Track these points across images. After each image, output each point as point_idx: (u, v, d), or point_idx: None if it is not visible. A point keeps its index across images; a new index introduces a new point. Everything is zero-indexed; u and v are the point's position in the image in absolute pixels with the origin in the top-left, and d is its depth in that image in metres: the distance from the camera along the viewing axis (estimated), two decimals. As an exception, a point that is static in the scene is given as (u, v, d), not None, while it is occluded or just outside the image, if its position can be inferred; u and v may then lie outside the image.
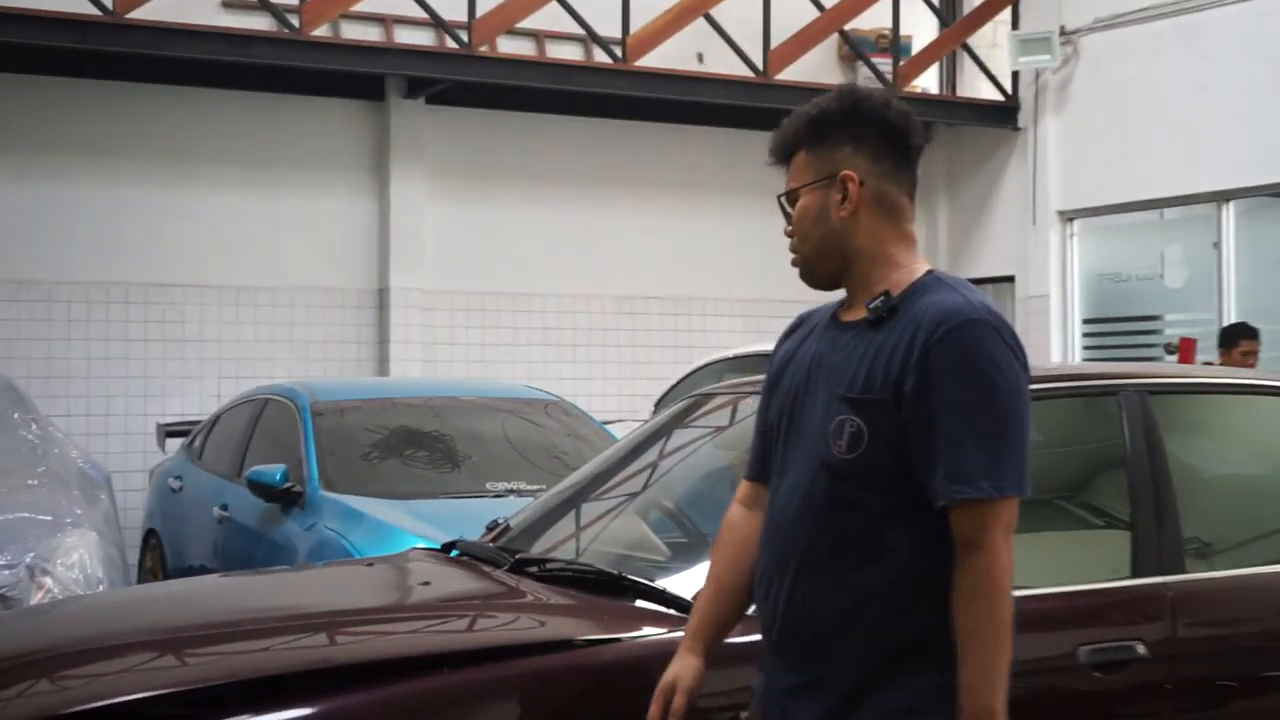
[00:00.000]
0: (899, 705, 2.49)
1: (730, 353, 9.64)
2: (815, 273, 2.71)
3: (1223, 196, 10.93)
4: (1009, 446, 2.45)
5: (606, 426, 7.82)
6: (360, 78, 10.75)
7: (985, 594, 2.43)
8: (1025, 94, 12.36)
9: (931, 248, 12.85)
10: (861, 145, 2.67)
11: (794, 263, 2.74)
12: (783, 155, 2.75)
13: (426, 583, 3.93)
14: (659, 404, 8.96)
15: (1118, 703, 2.68)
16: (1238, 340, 8.83)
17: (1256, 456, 4.31)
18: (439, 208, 11.29)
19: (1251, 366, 8.30)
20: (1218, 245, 10.99)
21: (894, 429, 2.49)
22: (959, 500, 2.44)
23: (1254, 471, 4.30)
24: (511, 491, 6.51)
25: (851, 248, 2.66)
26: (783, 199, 2.75)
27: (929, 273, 2.64)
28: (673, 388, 9.28)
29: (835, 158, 2.66)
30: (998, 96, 12.57)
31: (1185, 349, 9.26)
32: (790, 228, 2.73)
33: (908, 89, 12.43)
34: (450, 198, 11.35)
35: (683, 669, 2.80)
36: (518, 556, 3.84)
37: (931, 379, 2.46)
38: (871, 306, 2.58)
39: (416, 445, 7.08)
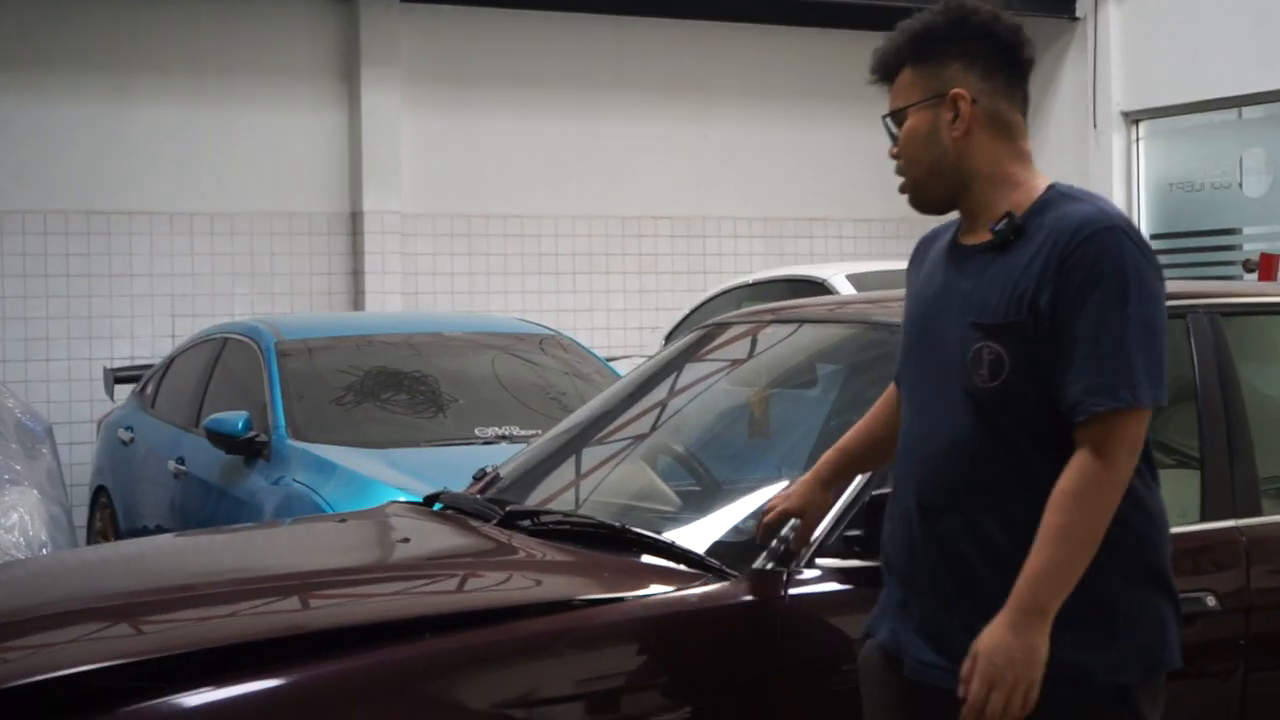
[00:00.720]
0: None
1: (750, 278, 9.66)
2: (928, 197, 2.88)
3: (1308, 93, 10.89)
4: (1148, 355, 2.63)
5: (610, 363, 7.84)
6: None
7: (1091, 501, 2.61)
8: (1085, -21, 12.30)
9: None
10: (972, 62, 2.82)
11: (902, 187, 2.91)
12: (885, 73, 2.90)
13: (406, 539, 3.97)
14: (670, 337, 8.99)
15: (1184, 660, 2.75)
16: None
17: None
18: (417, 120, 11.26)
19: None
20: (1303, 148, 10.94)
21: (1035, 352, 2.66)
22: (1096, 413, 2.61)
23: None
24: (503, 438, 6.54)
25: (967, 169, 2.82)
26: (888, 119, 2.90)
27: (1051, 187, 2.80)
28: (686, 318, 9.31)
29: (944, 75, 2.82)
30: (1054, -17, 12.51)
31: (1266, 265, 9.20)
32: (895, 150, 2.89)
33: (949, -25, 12.35)
34: (430, 109, 11.31)
35: (800, 500, 3.19)
36: (509, 509, 3.87)
37: (1068, 291, 2.63)
38: (996, 230, 2.74)
39: (395, 388, 7.10)
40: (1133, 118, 12.00)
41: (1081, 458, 2.62)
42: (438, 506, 4.22)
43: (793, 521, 3.25)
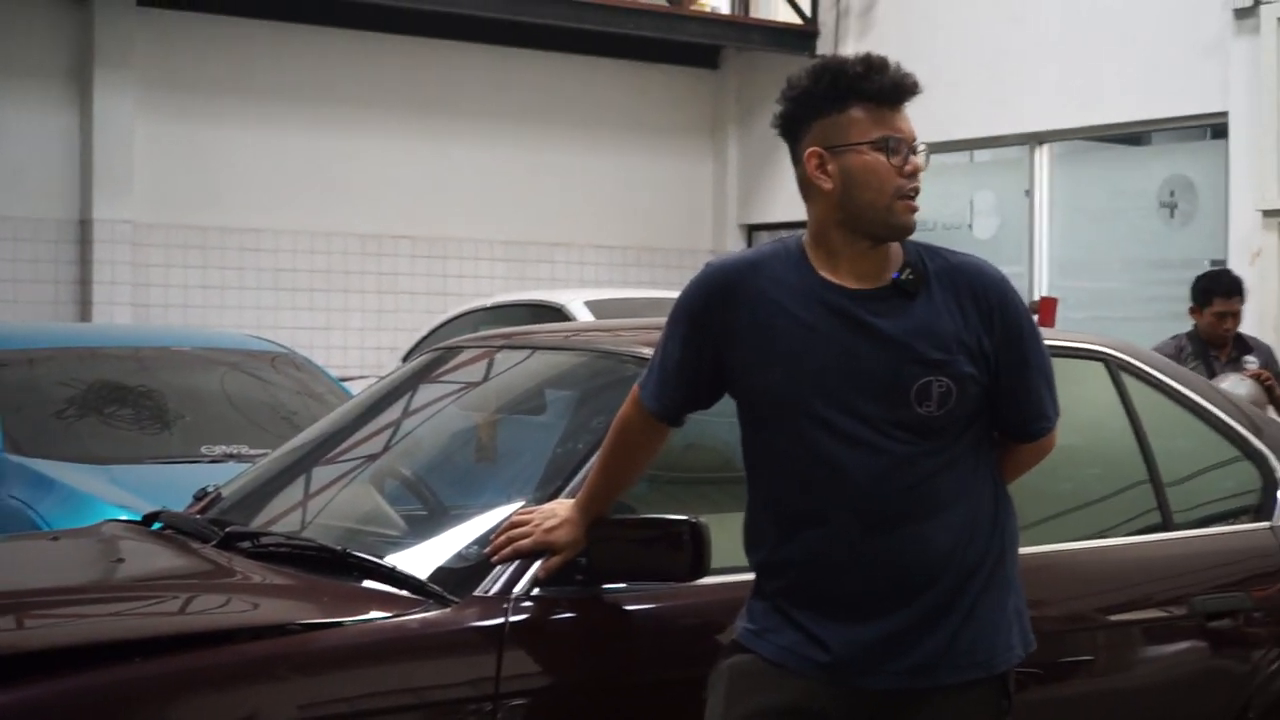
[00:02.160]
0: (999, 601, 3.08)
1: (489, 301, 9.66)
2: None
3: (1036, 139, 11.29)
4: (1052, 373, 3.19)
5: (345, 384, 7.78)
6: (60, -28, 10.45)
7: (1041, 459, 3.28)
8: (825, 18, 12.58)
9: (720, 188, 13.02)
10: None
11: (914, 210, 3.07)
12: (909, 97, 3.15)
13: (121, 559, 3.88)
14: (408, 358, 8.93)
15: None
16: (1210, 298, 7.67)
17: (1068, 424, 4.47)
18: (151, 126, 11.03)
19: (1227, 331, 7.64)
20: (1030, 192, 11.34)
21: (973, 383, 3.01)
22: (1047, 430, 3.18)
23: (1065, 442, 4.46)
24: (231, 456, 6.43)
25: None
26: (924, 147, 3.14)
27: (903, 241, 3.10)
28: (423, 340, 9.27)
29: None
30: (795, 20, 12.76)
31: (1045, 310, 9.47)
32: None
33: (695, 7, 12.54)
34: (164, 115, 11.09)
35: (566, 538, 3.28)
36: (228, 530, 3.80)
37: (1008, 335, 3.06)
38: (902, 279, 3.02)
39: (120, 402, 6.94)
40: (869, 156, 12.27)
41: (1033, 448, 3.20)
42: (156, 526, 4.12)
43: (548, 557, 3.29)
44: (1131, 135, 11.32)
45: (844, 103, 3.05)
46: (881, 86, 3.07)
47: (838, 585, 3.02)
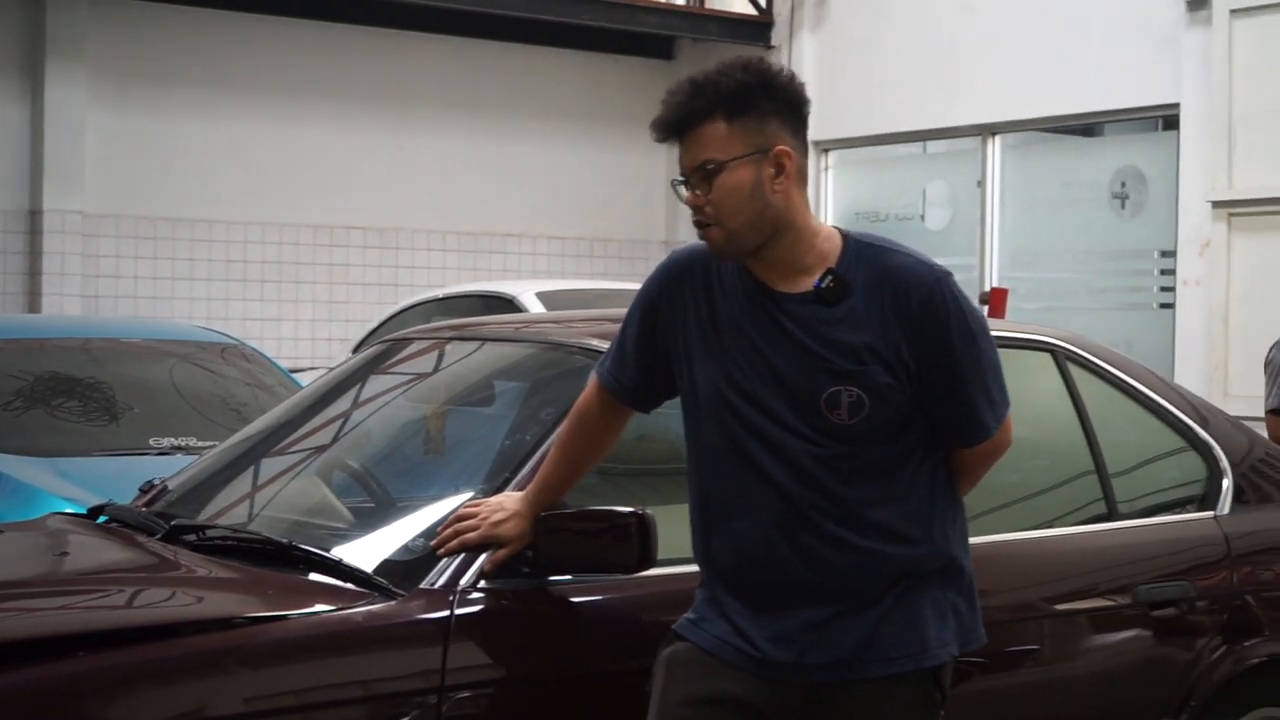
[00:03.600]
0: (934, 597, 3.08)
1: (440, 292, 9.64)
2: (741, 247, 3.02)
3: (988, 130, 11.33)
4: (999, 377, 3.11)
5: (295, 375, 7.74)
6: (9, -39, 10.38)
7: (994, 460, 3.21)
8: (780, 9, 12.60)
9: (666, 180, 13.01)
10: (785, 120, 3.02)
11: (713, 235, 3.02)
12: (682, 126, 3.02)
13: (64, 553, 3.85)
14: (358, 349, 8.90)
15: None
16: None
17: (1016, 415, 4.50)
18: (102, 117, 10.97)
19: None
20: (981, 183, 11.39)
21: (892, 393, 2.98)
22: (986, 438, 3.11)
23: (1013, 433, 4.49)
24: (179, 449, 6.41)
25: (784, 221, 3.01)
26: (699, 169, 3.00)
27: (845, 236, 3.08)
28: (374, 331, 9.25)
29: (765, 131, 3.00)
30: (750, 10, 12.78)
31: (996, 301, 9.50)
32: (704, 199, 3.00)
33: (650, -2, 12.55)
34: (116, 106, 11.03)
35: (513, 531, 3.29)
36: (173, 523, 3.79)
37: (932, 342, 2.99)
38: (822, 287, 3.00)
39: (68, 394, 6.90)
40: (823, 146, 12.35)
41: (975, 453, 3.12)
42: (102, 519, 4.10)
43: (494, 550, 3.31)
44: (1083, 126, 11.38)
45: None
46: (655, 125, 3.08)
47: (760, 580, 3.04)
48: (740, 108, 3.00)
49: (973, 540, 3.35)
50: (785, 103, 3.03)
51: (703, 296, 3.11)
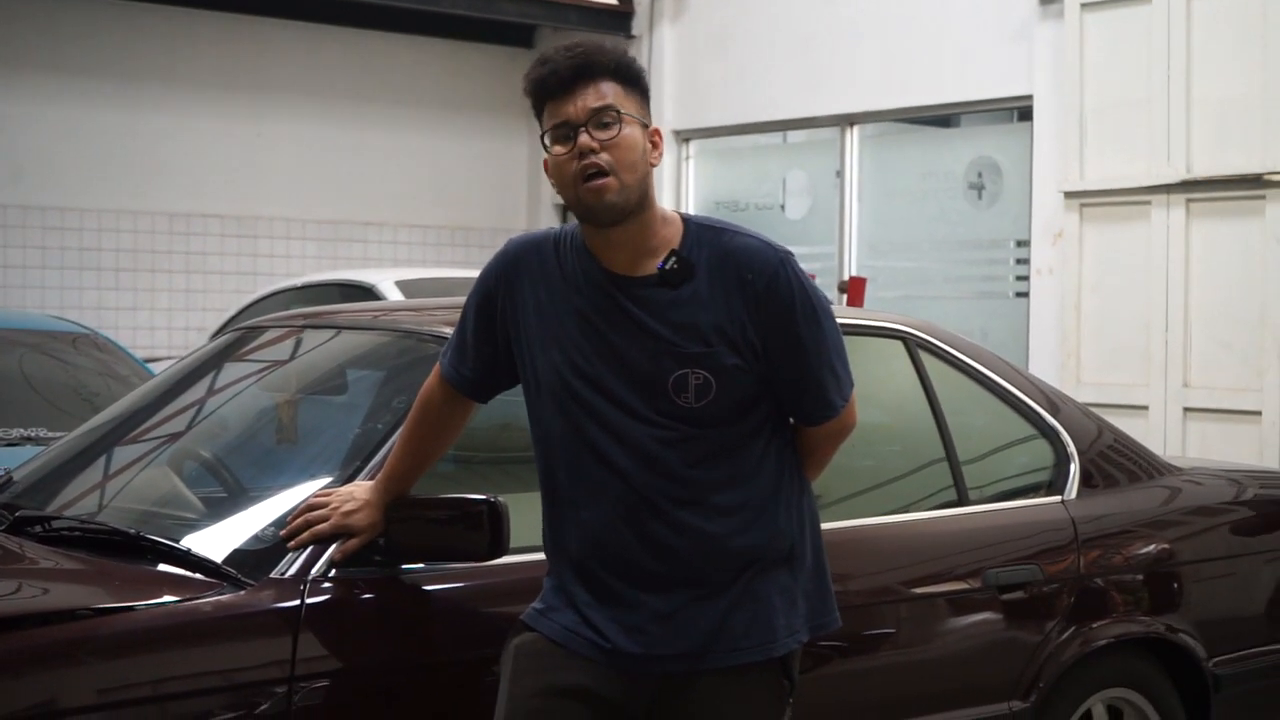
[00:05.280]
0: (783, 585, 3.08)
1: (299, 281, 9.57)
2: (618, 206, 2.97)
3: (847, 120, 11.43)
4: (843, 356, 3.13)
5: (149, 365, 7.64)
6: None
7: (841, 440, 3.25)
8: (641, -1, 12.62)
9: (534, 167, 13.00)
10: (646, 103, 3.08)
11: (609, 184, 2.95)
12: (583, 74, 2.98)
13: (-98, 545, 3.77)
14: (215, 338, 8.81)
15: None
16: None
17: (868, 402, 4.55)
18: (-53, 101, 10.75)
19: None
20: (840, 173, 11.48)
21: (739, 373, 2.99)
22: (831, 417, 3.14)
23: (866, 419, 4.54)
24: (28, 439, 6.29)
25: (648, 197, 3.02)
26: (594, 117, 2.96)
27: (685, 219, 3.08)
28: (231, 319, 9.15)
29: (644, 108, 3.05)
30: (610, 0, 12.78)
31: (854, 289, 9.60)
32: (606, 141, 2.96)
33: (510, -14, 12.52)
34: (-39, 89, 10.81)
35: (365, 521, 3.28)
36: (18, 514, 3.73)
37: (775, 323, 2.99)
38: (666, 269, 2.99)
39: (-87, 383, 6.76)
40: (684, 136, 12.38)
41: (828, 431, 3.15)
42: (-56, 511, 4.02)
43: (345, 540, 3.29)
44: (940, 118, 11.51)
45: (538, 103, 3.04)
46: (540, 79, 3.01)
47: (608, 570, 3.04)
48: (629, 78, 3.04)
49: (828, 525, 3.39)
50: (647, 91, 3.09)
51: (541, 283, 3.09)
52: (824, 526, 3.27)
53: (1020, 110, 10.62)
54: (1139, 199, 9.35)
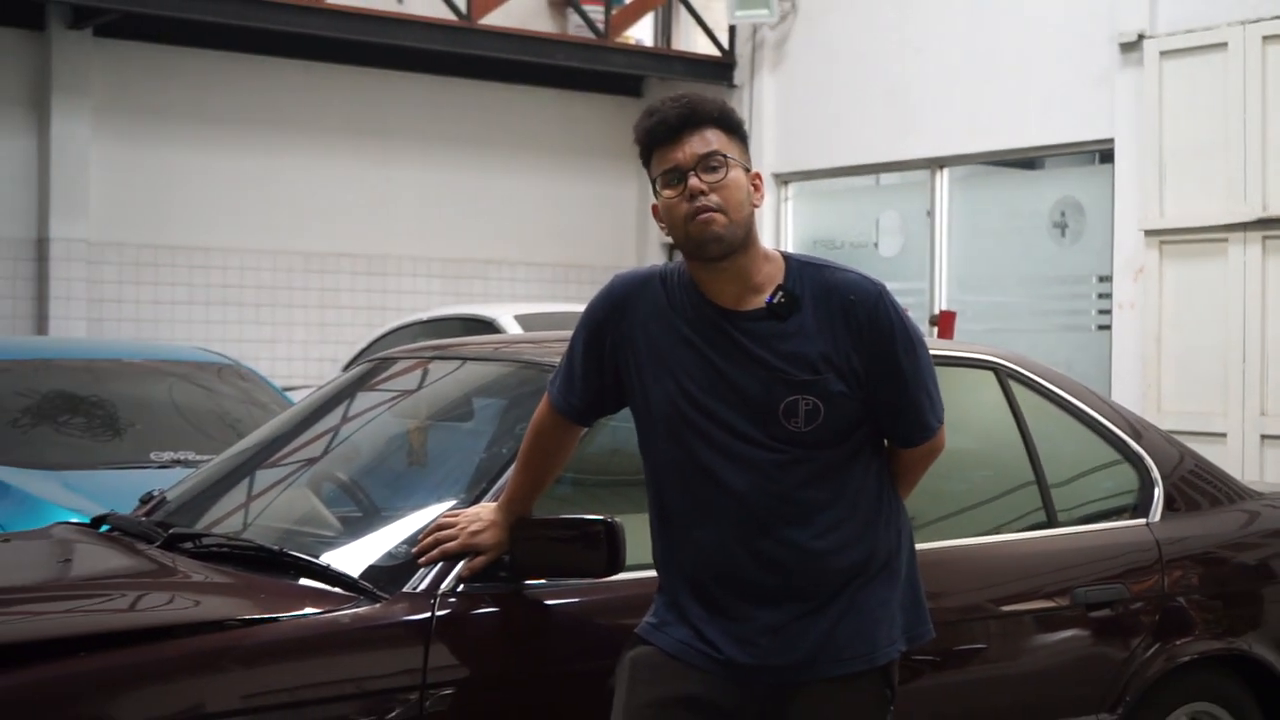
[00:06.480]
0: (883, 598, 3.09)
1: (424, 315, 9.63)
2: (726, 241, 2.99)
3: (937, 163, 11.37)
4: (935, 382, 3.15)
5: (288, 393, 7.72)
6: (19, 3, 10.32)
7: (932, 460, 3.24)
8: (742, 50, 12.63)
9: (643, 208, 13.05)
10: (747, 150, 3.10)
11: (718, 219, 2.99)
12: (690, 123, 3.01)
13: (67, 559, 3.83)
14: (347, 369, 8.90)
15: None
16: None
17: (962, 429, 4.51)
18: (106, 150, 10.95)
19: None
20: (931, 213, 11.42)
21: (844, 399, 3.01)
22: (927, 439, 3.15)
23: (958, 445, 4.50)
24: (178, 462, 6.37)
25: (752, 235, 3.04)
26: (702, 162, 2.99)
27: (787, 256, 3.10)
28: (362, 351, 9.24)
29: (746, 153, 3.08)
30: (714, 51, 12.81)
31: (945, 323, 9.55)
32: (715, 184, 2.99)
33: (619, 39, 12.58)
34: (118, 139, 11.01)
35: (490, 540, 3.31)
36: (172, 531, 3.78)
37: (879, 352, 3.02)
38: (774, 302, 3.02)
39: (73, 411, 6.86)
40: (783, 179, 12.38)
41: (917, 453, 3.16)
42: (104, 528, 4.09)
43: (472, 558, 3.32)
44: (1025, 160, 11.42)
45: (646, 151, 3.07)
46: (650, 129, 3.04)
47: (719, 585, 3.04)
48: (731, 126, 3.06)
49: (923, 546, 3.37)
50: (747, 138, 3.12)
51: (651, 318, 3.10)
52: (920, 547, 3.26)
53: (1102, 152, 10.52)
54: (1216, 236, 9.23)
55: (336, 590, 3.32)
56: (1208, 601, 4.43)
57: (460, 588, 3.29)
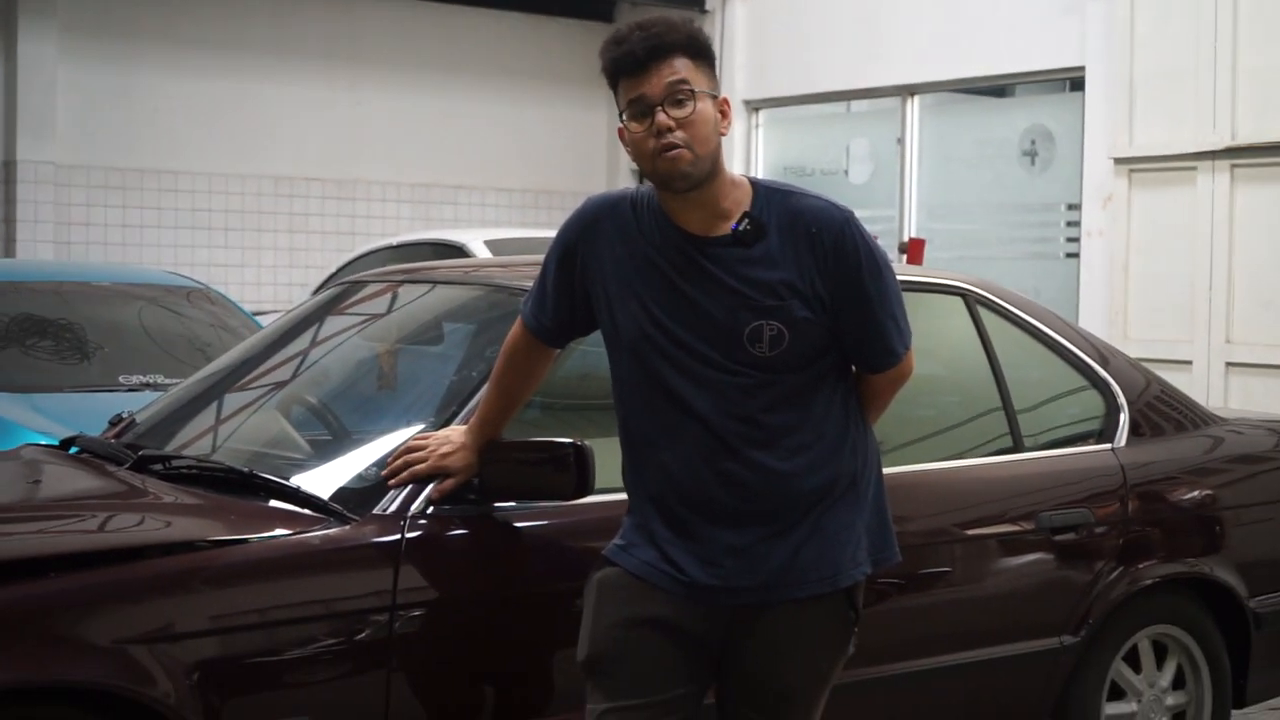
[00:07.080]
0: (846, 521, 3.09)
1: (394, 240, 9.60)
2: (693, 176, 2.98)
3: (907, 90, 11.34)
4: (902, 307, 3.14)
5: (257, 317, 7.70)
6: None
7: (900, 385, 3.24)
8: (713, -26, 12.55)
9: (612, 134, 12.96)
10: (715, 74, 3.06)
11: (684, 156, 2.96)
12: (656, 55, 2.97)
13: (36, 480, 3.82)
14: (317, 294, 8.87)
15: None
16: None
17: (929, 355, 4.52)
18: (73, 72, 10.82)
19: None
20: (901, 140, 11.40)
21: (809, 325, 3.00)
22: (894, 363, 3.15)
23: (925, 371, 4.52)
24: (147, 385, 6.38)
25: (719, 163, 3.03)
26: (669, 95, 2.95)
27: (754, 183, 3.09)
28: (332, 276, 9.19)
29: (714, 80, 3.04)
30: (685, -25, 12.72)
31: (914, 250, 9.56)
32: (681, 119, 2.95)
33: (591, -36, 12.47)
34: (86, 61, 10.89)
35: (460, 462, 3.31)
36: (141, 453, 3.77)
37: (844, 277, 3.01)
38: (740, 229, 3.00)
39: (41, 334, 6.83)
40: (753, 105, 12.33)
41: (889, 377, 3.15)
42: (74, 450, 4.08)
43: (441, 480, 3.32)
44: (996, 88, 11.40)
45: (612, 79, 3.03)
46: (616, 59, 3.00)
47: (685, 506, 3.04)
48: (698, 51, 3.01)
49: (891, 470, 3.37)
50: (714, 61, 3.07)
51: (620, 241, 3.09)
52: (886, 471, 3.26)
53: (1072, 80, 10.50)
54: (1185, 165, 9.24)
55: (306, 512, 3.33)
56: (1172, 525, 4.47)
57: (430, 510, 3.30)
